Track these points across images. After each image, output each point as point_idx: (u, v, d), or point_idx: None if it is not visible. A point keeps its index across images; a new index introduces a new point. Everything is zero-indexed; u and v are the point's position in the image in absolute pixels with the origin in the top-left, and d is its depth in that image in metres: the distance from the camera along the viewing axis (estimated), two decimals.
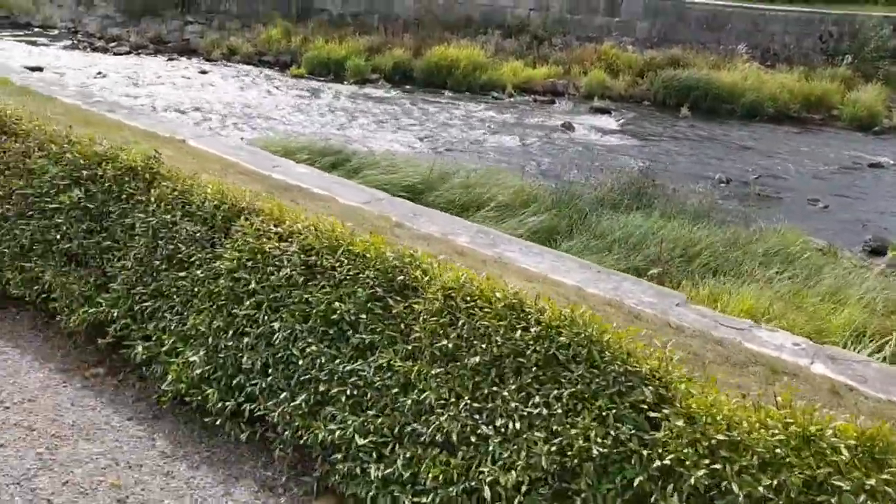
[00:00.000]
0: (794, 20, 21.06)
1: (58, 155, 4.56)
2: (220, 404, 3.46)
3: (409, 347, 3.19)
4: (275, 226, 3.81)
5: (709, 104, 18.26)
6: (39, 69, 17.60)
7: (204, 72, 18.85)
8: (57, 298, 4.23)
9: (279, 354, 3.41)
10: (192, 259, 3.88)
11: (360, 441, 3.03)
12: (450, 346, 3.09)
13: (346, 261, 3.50)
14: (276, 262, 3.62)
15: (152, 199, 4.17)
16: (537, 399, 2.84)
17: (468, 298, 3.19)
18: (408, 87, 19.17)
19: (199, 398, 3.55)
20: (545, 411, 2.81)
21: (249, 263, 3.68)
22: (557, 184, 9.87)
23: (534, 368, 2.91)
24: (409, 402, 3.04)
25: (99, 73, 17.69)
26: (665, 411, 2.69)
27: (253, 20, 22.43)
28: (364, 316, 3.31)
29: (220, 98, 16.34)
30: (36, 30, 23.31)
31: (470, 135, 14.84)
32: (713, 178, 13.03)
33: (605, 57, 19.93)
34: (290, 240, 3.70)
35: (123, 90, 16.27)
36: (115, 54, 20.34)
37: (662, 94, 18.84)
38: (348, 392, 3.18)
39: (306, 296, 3.46)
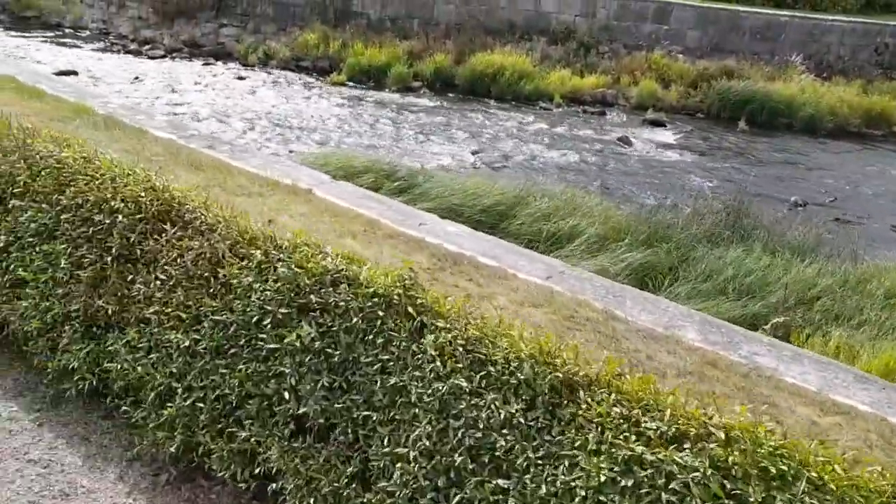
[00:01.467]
0: (850, 31, 20.26)
1: (264, 265, 3.33)
2: None
3: None
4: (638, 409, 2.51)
5: (765, 118, 17.54)
6: (74, 73, 17.09)
7: (242, 77, 18.26)
8: (289, 492, 2.92)
9: None
10: (518, 460, 2.55)
11: None
12: None
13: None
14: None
15: (427, 348, 2.90)
16: None
17: None
18: (450, 94, 18.52)
19: None
20: None
21: (622, 480, 2.38)
22: (642, 210, 9.16)
23: None
24: None
25: (136, 77, 17.12)
26: None
27: (289, 24, 21.82)
28: None
29: (262, 106, 15.73)
30: (67, 31, 22.80)
31: (524, 149, 14.17)
32: (786, 199, 12.33)
33: (656, 66, 19.20)
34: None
35: (163, 97, 15.70)
36: (149, 58, 19.78)
37: (717, 106, 18.12)
38: None
39: None
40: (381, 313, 2.99)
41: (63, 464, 3.36)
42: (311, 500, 2.80)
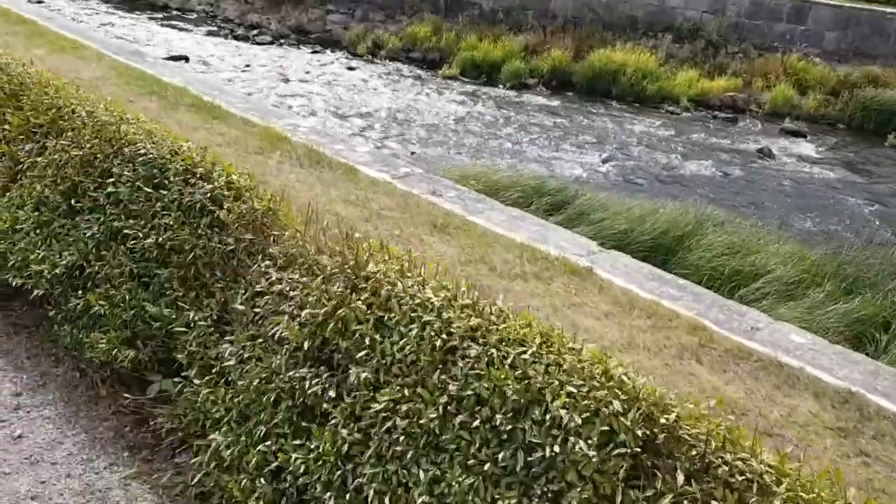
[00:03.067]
0: None
1: None
2: None
3: None
4: None
5: None
6: (185, 59, 16.76)
7: (352, 68, 17.63)
8: None
9: None
10: None
11: None
12: None
13: None
14: None
15: None
16: None
17: None
18: (568, 93, 17.48)
19: None
20: None
21: None
22: (835, 248, 8.02)
23: None
24: None
25: (247, 65, 16.68)
26: None
27: (397, 12, 21.11)
28: None
29: (377, 101, 15.06)
30: (174, 12, 22.60)
31: (658, 159, 13.09)
32: None
33: (792, 70, 17.73)
34: None
35: (277, 87, 15.19)
36: (257, 43, 19.35)
37: (860, 117, 16.57)
38: None
39: None
40: None
41: None
42: None
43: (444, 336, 2.59)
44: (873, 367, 3.94)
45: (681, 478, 2.12)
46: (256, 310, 3.19)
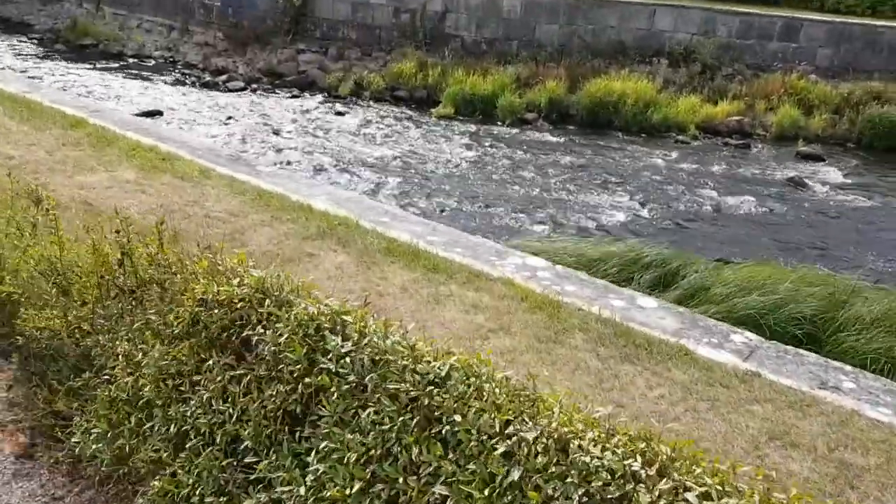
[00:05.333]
0: None
1: None
2: None
3: None
4: None
5: None
6: (158, 113, 15.38)
7: (340, 113, 16.47)
8: None
9: None
10: None
11: None
12: None
13: None
14: None
15: None
16: None
17: None
18: (570, 127, 16.68)
19: None
20: None
21: None
22: None
23: None
24: None
25: (229, 118, 15.35)
26: None
27: (374, 48, 20.03)
28: None
29: (380, 151, 13.93)
30: (130, 60, 21.04)
31: (694, 197, 12.30)
32: None
33: (793, 90, 17.29)
34: None
35: (269, 141, 13.91)
36: (229, 90, 18.03)
37: (869, 135, 16.21)
38: None
39: None
40: None
41: None
42: None
43: None
44: None
45: None
46: None
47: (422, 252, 5.25)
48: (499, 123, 16.57)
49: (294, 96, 17.80)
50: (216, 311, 2.76)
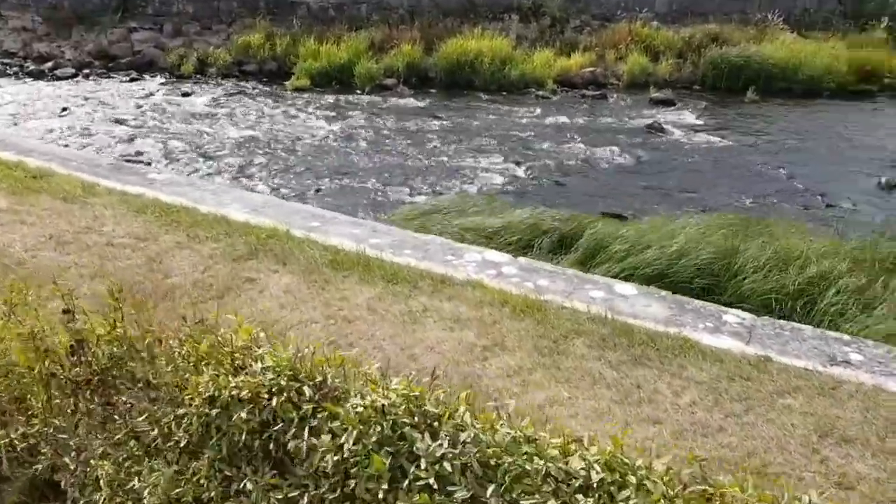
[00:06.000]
0: None
1: None
2: None
3: None
4: None
5: (763, 84, 16.54)
6: None
7: (187, 94, 15.36)
8: None
9: None
10: None
11: None
12: None
13: None
14: None
15: None
16: None
17: None
18: (431, 90, 16.43)
19: None
20: None
21: None
22: (861, 236, 7.59)
23: None
24: None
25: (63, 109, 13.92)
26: None
27: (215, 21, 18.83)
28: None
29: (237, 132, 13.10)
30: None
31: (565, 152, 12.41)
32: (860, 175, 11.31)
33: (639, 38, 17.83)
34: None
35: (113, 132, 12.74)
36: (58, 78, 16.40)
37: (712, 76, 17.02)
38: None
39: None
40: None
41: None
42: None
43: None
44: None
45: None
46: None
47: (372, 260, 4.79)
48: (358, 92, 16.06)
49: (133, 79, 16.45)
50: (238, 412, 2.10)
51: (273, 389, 2.13)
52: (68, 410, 2.46)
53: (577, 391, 3.09)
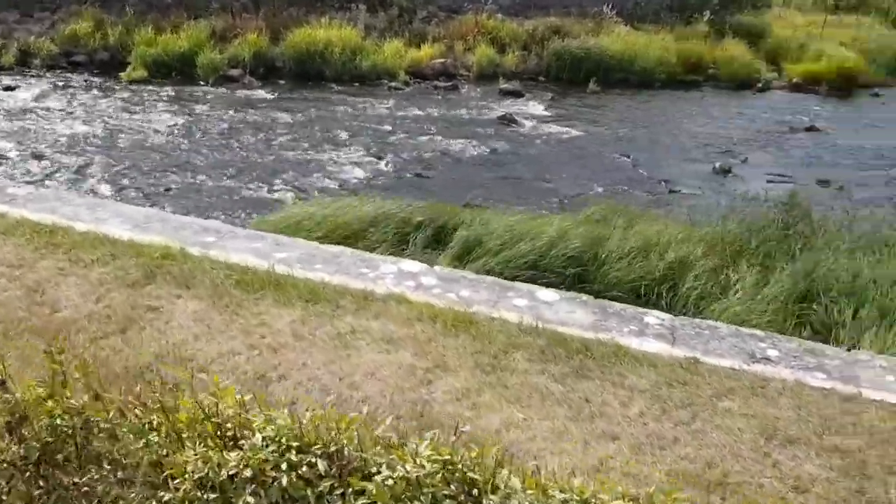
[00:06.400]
0: None
1: None
2: None
3: None
4: None
5: (602, 75, 17.34)
6: None
7: (10, 88, 14.01)
8: None
9: None
10: None
11: None
12: None
13: None
14: None
15: None
16: None
17: None
18: (280, 81, 15.95)
19: None
20: None
21: None
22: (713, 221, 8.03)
23: None
24: None
25: None
26: None
27: (37, 8, 17.24)
28: None
29: (73, 130, 12.11)
30: None
31: (423, 145, 12.45)
32: (695, 162, 12.14)
33: (486, 30, 18.16)
34: None
35: None
36: None
37: (555, 67, 17.62)
38: None
39: None
40: None
41: None
42: None
43: None
44: None
45: None
46: None
47: (283, 278, 4.43)
48: (202, 83, 15.31)
49: None
50: (242, 495, 1.73)
51: (281, 465, 1.84)
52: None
53: (530, 411, 3.04)
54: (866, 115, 16.17)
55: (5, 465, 2.03)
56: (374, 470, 1.83)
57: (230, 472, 1.81)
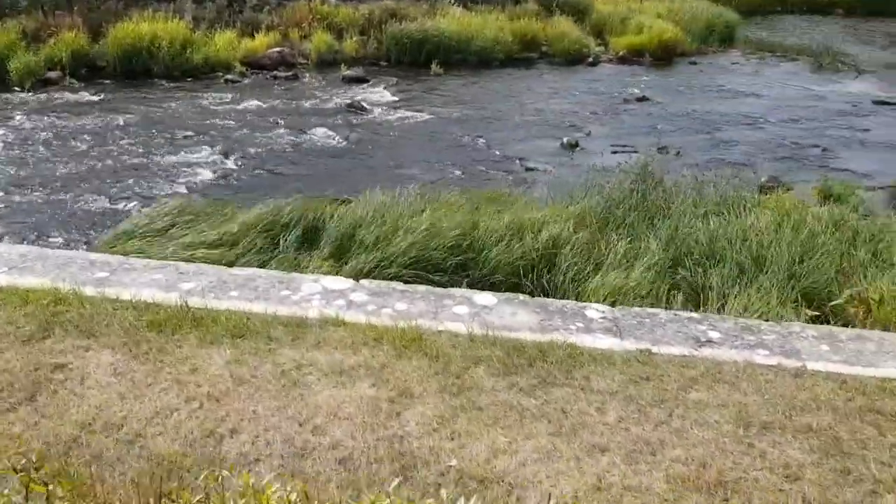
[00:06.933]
0: None
1: None
2: None
3: None
4: None
5: (442, 56, 17.44)
6: None
7: None
8: None
9: None
10: None
11: None
12: None
13: None
14: None
15: None
16: None
17: None
18: (105, 81, 14.86)
19: None
20: None
21: None
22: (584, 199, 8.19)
23: None
24: None
25: None
26: None
27: None
28: None
29: None
30: None
31: (271, 139, 12.00)
32: (543, 138, 12.52)
33: (321, 15, 17.75)
34: None
35: None
36: None
37: (396, 51, 17.53)
38: None
39: None
40: None
41: None
42: None
43: None
44: None
45: None
46: None
47: (199, 313, 3.92)
48: (17, 89, 13.96)
49: None
50: None
51: None
52: None
53: (512, 432, 2.89)
54: (687, 82, 17.25)
55: None
56: None
57: None
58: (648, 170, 8.45)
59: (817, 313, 5.86)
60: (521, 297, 4.60)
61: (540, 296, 6.24)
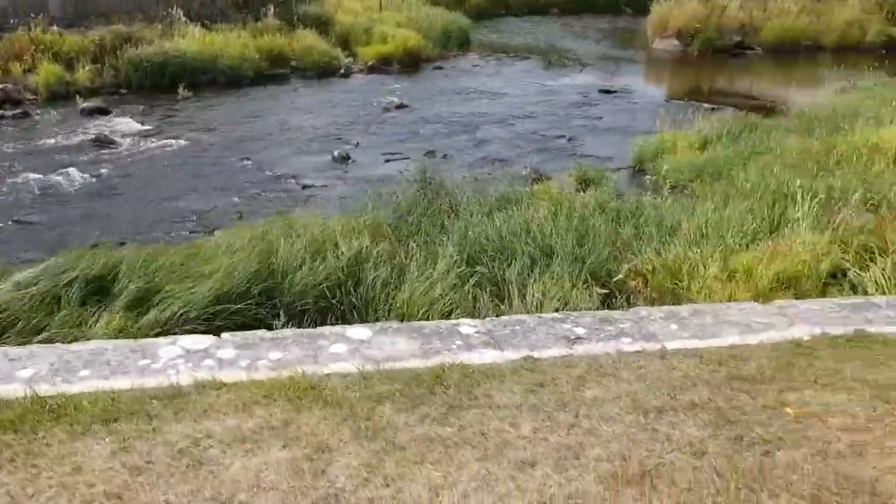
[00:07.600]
0: None
1: None
2: None
3: None
4: None
5: (188, 78, 16.69)
6: None
7: None
8: None
9: None
10: None
11: None
12: None
13: None
14: None
15: None
16: None
17: None
18: None
19: None
20: None
21: None
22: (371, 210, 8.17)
23: None
24: None
25: None
26: None
27: None
28: None
29: None
30: None
31: (11, 184, 10.74)
32: (313, 154, 12.46)
33: (45, 45, 16.18)
34: None
35: None
36: None
37: (136, 77, 16.49)
38: None
39: None
40: None
41: None
42: None
43: None
44: None
45: None
46: None
47: (53, 400, 3.17)
48: None
49: None
50: None
51: None
52: None
53: (442, 465, 2.70)
54: (437, 87, 18.03)
55: None
56: None
57: None
58: (427, 175, 8.72)
59: (606, 291, 6.41)
60: (394, 324, 4.48)
61: (353, 314, 6.26)
